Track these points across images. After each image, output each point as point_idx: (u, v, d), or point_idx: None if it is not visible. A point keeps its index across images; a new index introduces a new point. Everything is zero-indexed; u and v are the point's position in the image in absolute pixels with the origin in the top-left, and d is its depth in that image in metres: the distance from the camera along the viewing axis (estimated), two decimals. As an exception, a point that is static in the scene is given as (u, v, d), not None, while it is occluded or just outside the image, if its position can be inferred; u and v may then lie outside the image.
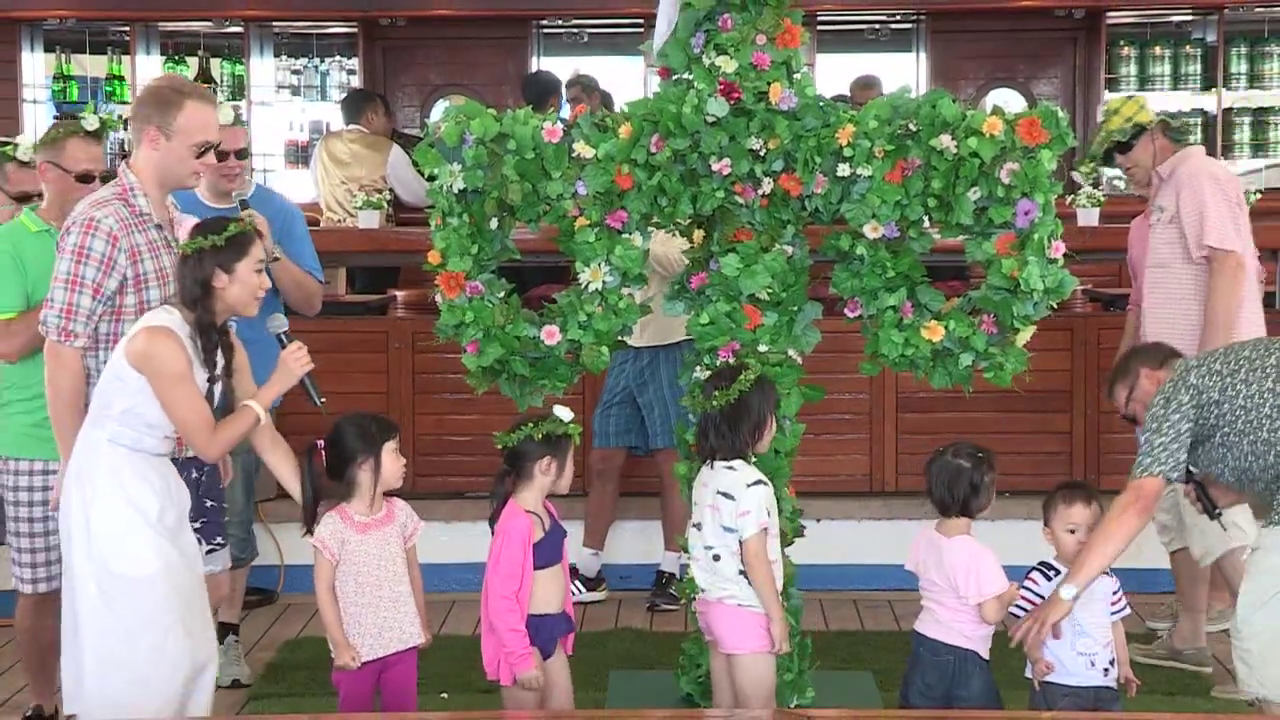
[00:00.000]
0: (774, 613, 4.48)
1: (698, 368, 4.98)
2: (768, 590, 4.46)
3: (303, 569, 6.90)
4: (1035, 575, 4.46)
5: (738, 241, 4.86)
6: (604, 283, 4.83)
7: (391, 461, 4.45)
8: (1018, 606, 4.42)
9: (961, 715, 4.45)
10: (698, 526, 4.57)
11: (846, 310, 4.90)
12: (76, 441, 4.32)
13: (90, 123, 5.19)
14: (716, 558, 4.49)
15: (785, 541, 4.85)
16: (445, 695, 5.47)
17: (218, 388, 4.31)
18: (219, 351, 4.29)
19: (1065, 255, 4.71)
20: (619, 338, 4.94)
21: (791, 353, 4.94)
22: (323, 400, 4.47)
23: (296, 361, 4.38)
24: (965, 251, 4.83)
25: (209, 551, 4.80)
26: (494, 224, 4.90)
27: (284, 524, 6.90)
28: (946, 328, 4.77)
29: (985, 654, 4.49)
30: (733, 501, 4.45)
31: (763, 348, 4.87)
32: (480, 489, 7.10)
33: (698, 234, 5.04)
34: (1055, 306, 4.80)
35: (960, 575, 4.41)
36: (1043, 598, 4.39)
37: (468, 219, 4.86)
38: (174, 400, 4.18)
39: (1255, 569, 4.43)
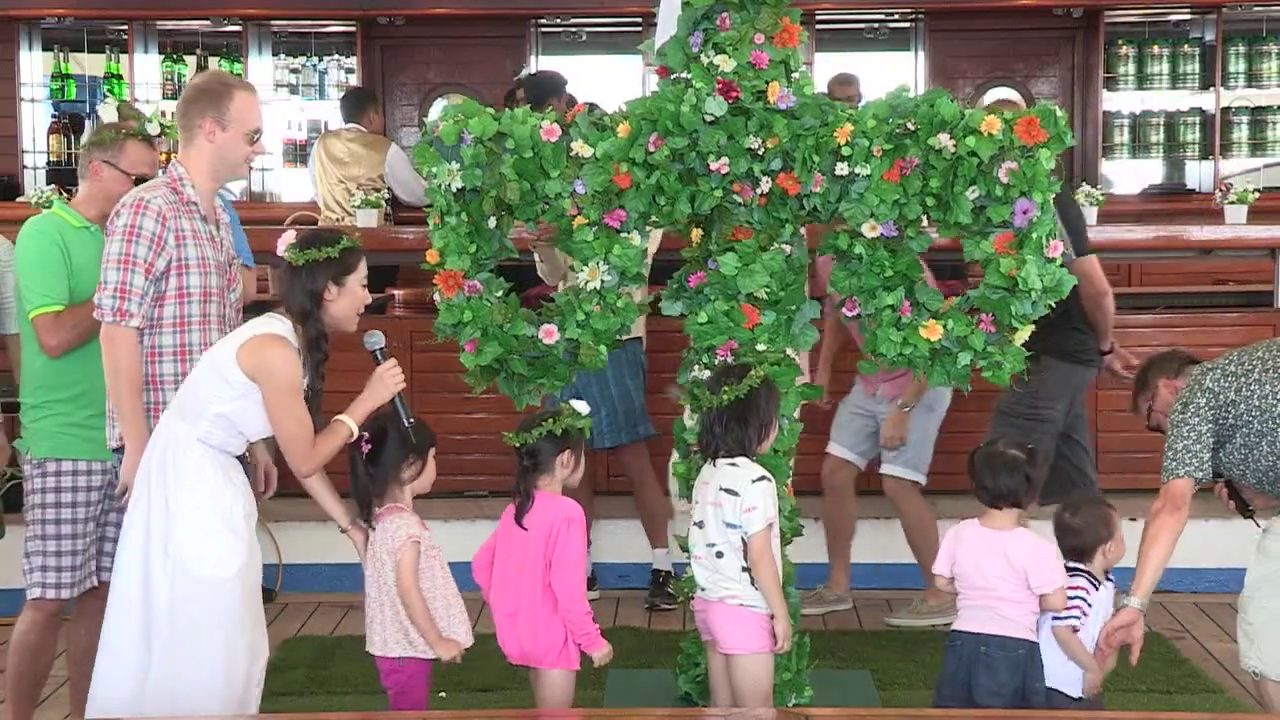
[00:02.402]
0: (778, 610, 4.47)
1: (696, 366, 4.98)
2: (772, 587, 4.46)
3: (301, 568, 6.95)
4: (1083, 583, 4.43)
5: (736, 240, 4.86)
6: (602, 281, 4.83)
7: (431, 467, 4.47)
8: (1072, 617, 4.40)
9: (960, 715, 4.44)
10: (700, 524, 4.56)
11: (845, 309, 4.90)
12: (159, 431, 4.27)
13: (152, 127, 5.21)
14: (720, 554, 4.48)
15: (784, 541, 4.85)
16: (444, 695, 5.47)
17: (313, 401, 4.30)
18: (322, 365, 4.30)
19: (1063, 254, 4.72)
20: (617, 336, 4.94)
21: (790, 352, 4.94)
22: (412, 421, 4.44)
23: (392, 378, 4.36)
24: (963, 250, 4.83)
25: None
26: (492, 223, 4.90)
27: (283, 524, 6.91)
28: (945, 327, 4.78)
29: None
30: (736, 497, 4.44)
31: (761, 346, 4.87)
32: (479, 488, 7.17)
33: (696, 233, 5.05)
34: (1053, 306, 4.80)
35: (1034, 567, 4.35)
36: (1090, 605, 4.42)
37: (466, 218, 4.87)
38: (283, 412, 4.16)
39: (1264, 553, 4.56)
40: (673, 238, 5.27)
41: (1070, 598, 4.39)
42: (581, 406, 4.54)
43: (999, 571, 4.38)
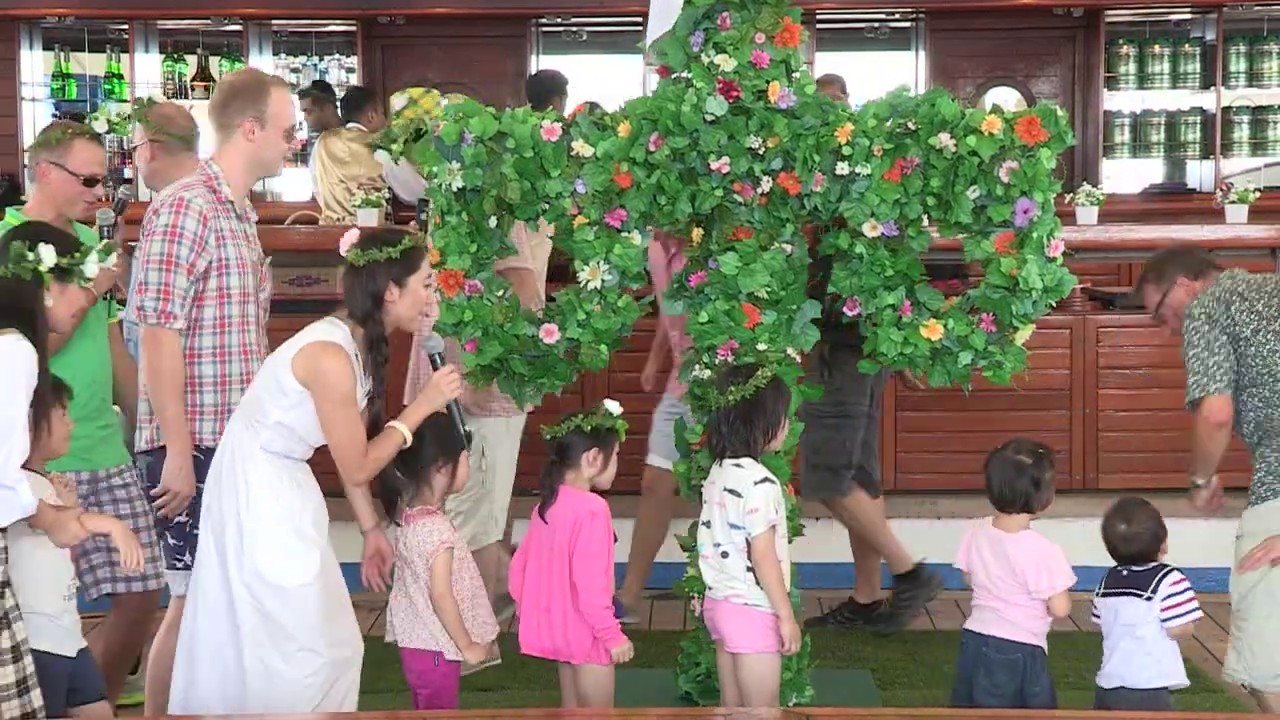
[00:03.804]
0: (783, 611, 4.46)
1: (697, 366, 4.98)
2: (776, 589, 4.45)
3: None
4: (1179, 575, 4.40)
5: (736, 240, 4.86)
6: (603, 281, 4.83)
7: (465, 469, 4.45)
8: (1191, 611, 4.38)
9: (961, 715, 4.45)
10: (707, 524, 4.56)
11: (845, 309, 4.90)
12: (227, 439, 4.24)
13: (100, 124, 5.11)
14: (725, 554, 4.48)
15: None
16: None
17: (374, 404, 4.29)
18: (383, 367, 4.25)
19: (1064, 253, 4.72)
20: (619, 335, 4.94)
21: (790, 351, 4.94)
22: (467, 429, 4.44)
23: (449, 385, 4.32)
24: (964, 250, 4.83)
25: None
26: (493, 222, 4.90)
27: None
28: (945, 326, 4.78)
29: (1046, 649, 4.48)
30: (740, 498, 4.43)
31: (761, 346, 4.87)
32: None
33: (696, 232, 5.04)
34: (1054, 305, 4.81)
35: (1031, 570, 4.36)
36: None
37: (466, 217, 4.87)
38: (336, 421, 4.12)
39: (1241, 555, 4.58)
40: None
41: (1180, 593, 4.36)
42: (614, 406, 4.52)
43: (1001, 574, 4.40)
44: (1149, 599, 4.36)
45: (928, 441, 7.17)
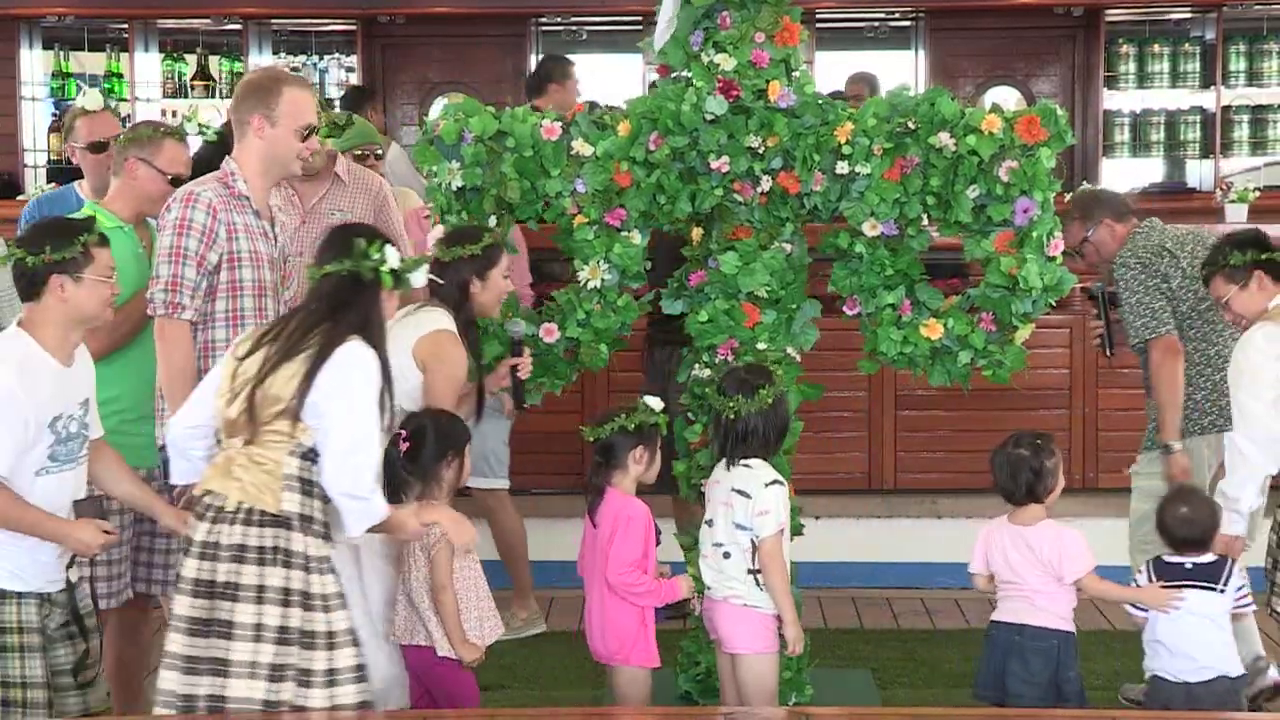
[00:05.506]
0: (787, 614, 4.47)
1: (696, 365, 4.98)
2: (782, 591, 4.45)
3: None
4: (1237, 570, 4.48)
5: (736, 239, 4.86)
6: (603, 280, 4.83)
7: (468, 463, 4.47)
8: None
9: (961, 714, 4.45)
10: (709, 523, 4.56)
11: (845, 308, 4.90)
12: None
13: (191, 127, 5.14)
14: (726, 555, 4.48)
15: (783, 540, 4.85)
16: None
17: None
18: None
19: (1064, 253, 4.72)
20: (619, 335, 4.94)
21: (790, 350, 4.94)
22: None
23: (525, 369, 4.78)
24: (964, 249, 4.83)
25: None
26: (493, 221, 4.91)
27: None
28: (945, 326, 4.78)
29: (1075, 634, 4.51)
30: (748, 499, 4.43)
31: (761, 345, 4.87)
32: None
33: (696, 232, 5.05)
34: (1054, 304, 4.81)
35: (1057, 558, 4.40)
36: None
37: (466, 217, 4.87)
38: (437, 402, 4.35)
39: (1139, 492, 5.35)
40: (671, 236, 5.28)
41: (1246, 583, 4.46)
42: (655, 403, 4.52)
43: (1028, 565, 4.45)
44: (1223, 591, 4.40)
45: (928, 441, 7.17)
